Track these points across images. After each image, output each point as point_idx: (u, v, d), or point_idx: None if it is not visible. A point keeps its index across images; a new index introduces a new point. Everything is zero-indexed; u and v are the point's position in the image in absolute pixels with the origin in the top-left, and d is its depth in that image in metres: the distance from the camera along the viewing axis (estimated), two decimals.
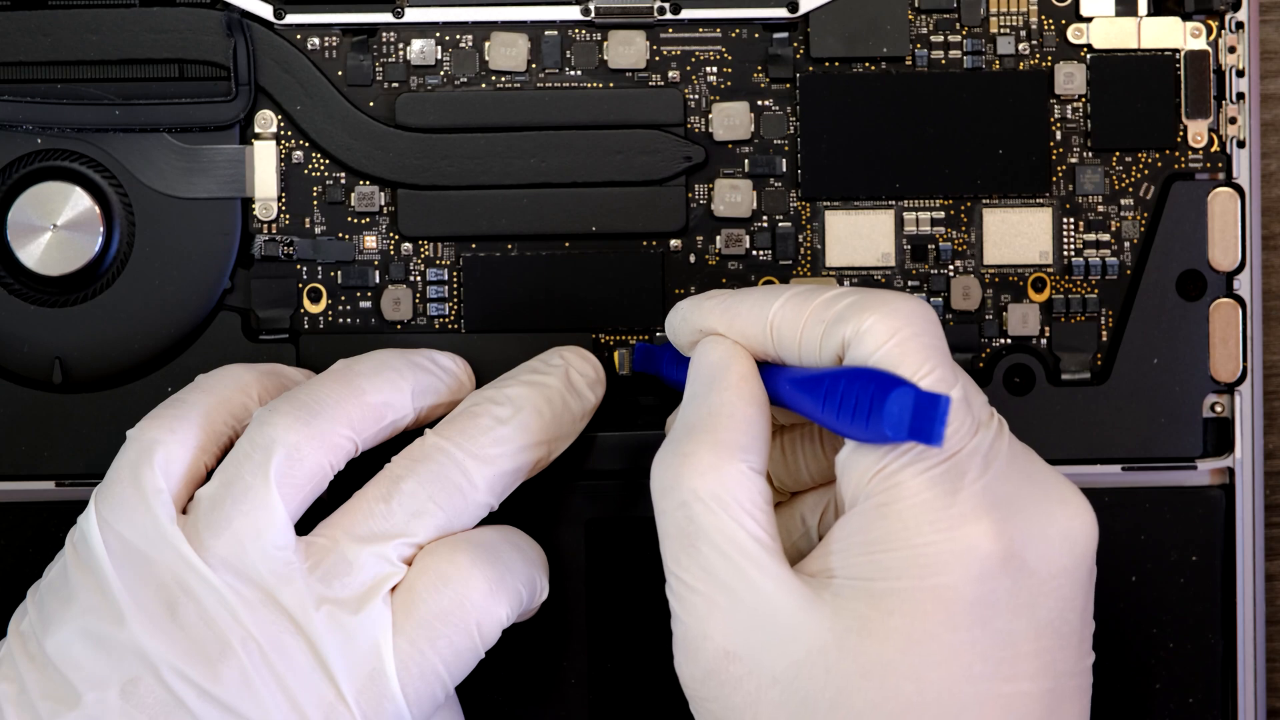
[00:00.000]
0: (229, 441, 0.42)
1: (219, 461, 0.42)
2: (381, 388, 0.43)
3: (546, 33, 0.48)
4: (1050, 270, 0.48)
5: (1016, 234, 0.48)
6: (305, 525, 0.42)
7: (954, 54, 0.48)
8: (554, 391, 0.44)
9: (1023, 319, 0.48)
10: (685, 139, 0.48)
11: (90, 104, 0.47)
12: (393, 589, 0.41)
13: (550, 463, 0.44)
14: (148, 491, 0.40)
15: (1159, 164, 0.48)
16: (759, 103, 0.48)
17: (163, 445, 0.41)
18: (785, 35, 0.48)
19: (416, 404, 0.44)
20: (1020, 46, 0.48)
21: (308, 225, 0.48)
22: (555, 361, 0.45)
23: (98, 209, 0.47)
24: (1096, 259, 0.48)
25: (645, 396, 0.48)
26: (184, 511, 0.41)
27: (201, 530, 0.40)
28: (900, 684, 0.37)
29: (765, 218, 0.48)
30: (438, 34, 0.48)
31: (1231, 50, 0.48)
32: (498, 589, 0.41)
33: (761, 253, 0.48)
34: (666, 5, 0.48)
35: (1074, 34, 0.48)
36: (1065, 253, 0.48)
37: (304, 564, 0.40)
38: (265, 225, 0.48)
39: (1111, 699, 0.48)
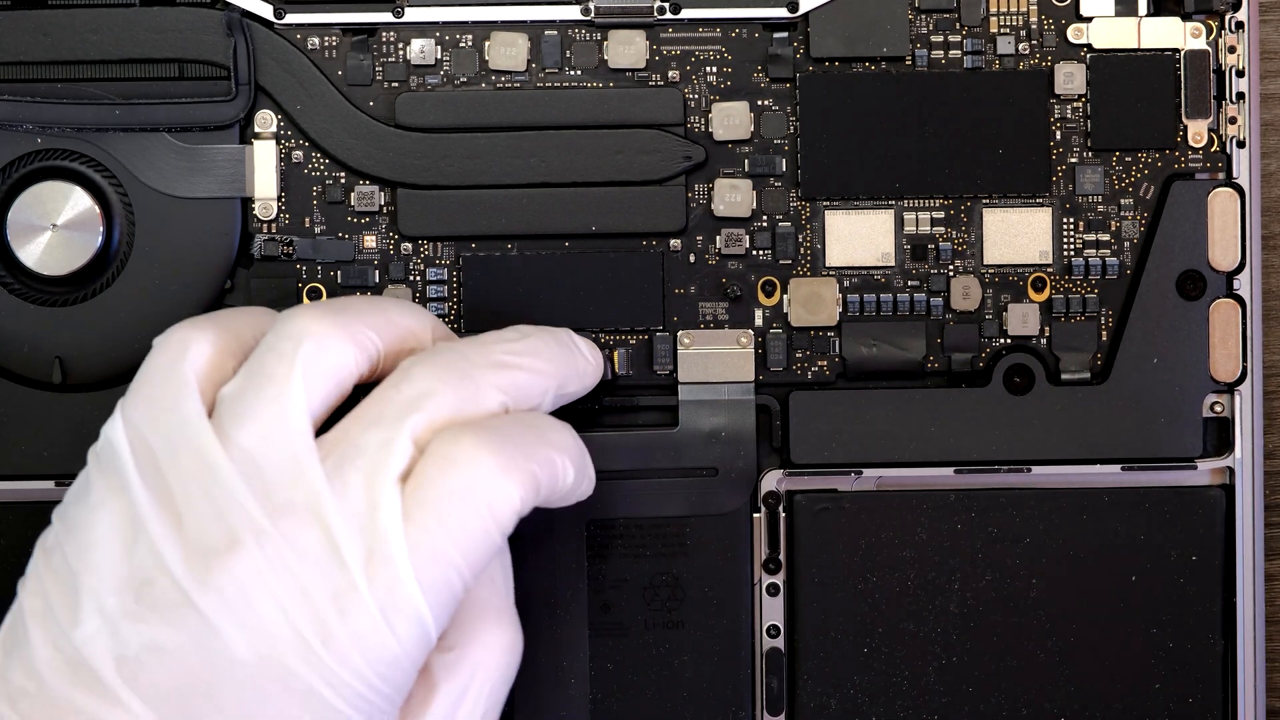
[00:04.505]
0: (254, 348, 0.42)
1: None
2: (406, 314, 0.43)
3: (546, 32, 0.48)
4: (1050, 270, 0.48)
5: (1016, 234, 0.48)
6: None
7: (954, 54, 0.48)
8: (561, 334, 0.44)
9: (1023, 319, 0.48)
10: (685, 139, 0.48)
11: (90, 104, 0.47)
12: (405, 477, 0.40)
13: (556, 409, 0.44)
14: (177, 388, 0.40)
15: (1159, 164, 0.48)
16: (759, 102, 0.48)
17: (195, 343, 0.41)
18: (785, 35, 0.48)
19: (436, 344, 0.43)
20: (1020, 46, 0.48)
21: (307, 225, 0.48)
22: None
23: (98, 209, 0.47)
24: (1096, 259, 0.48)
25: (645, 396, 0.48)
26: (210, 409, 0.40)
27: (225, 422, 0.39)
28: None
29: (765, 217, 0.48)
30: (438, 34, 0.48)
31: (1231, 50, 0.48)
32: (509, 468, 0.40)
33: (761, 252, 0.48)
34: (666, 5, 0.48)
35: (1074, 34, 0.48)
36: (1065, 253, 0.48)
37: (318, 453, 0.39)
38: (265, 225, 0.48)
39: (1112, 699, 0.48)
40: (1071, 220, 0.48)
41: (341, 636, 0.38)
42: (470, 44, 0.48)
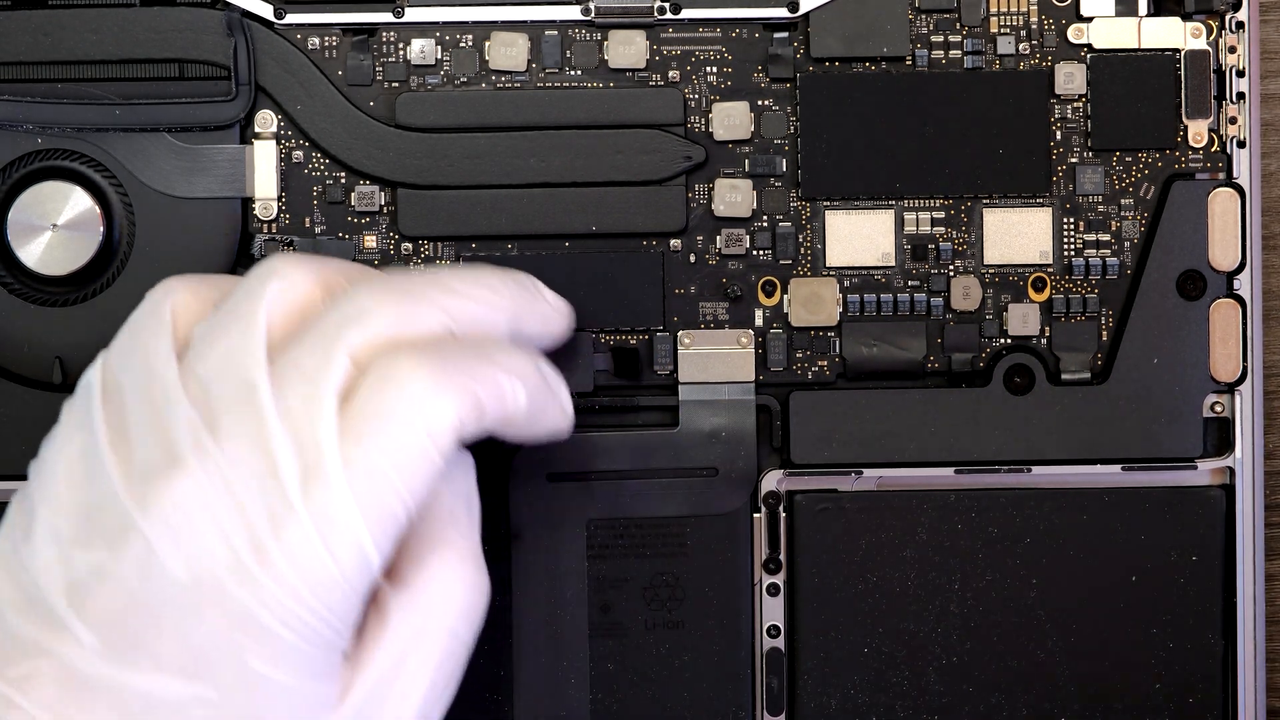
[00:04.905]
0: None
1: None
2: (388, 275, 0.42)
3: (546, 32, 0.48)
4: (1050, 270, 0.48)
5: (1016, 234, 0.48)
6: None
7: (954, 54, 0.48)
8: (522, 276, 0.43)
9: (1023, 319, 0.48)
10: (685, 139, 0.48)
11: (90, 104, 0.47)
12: (346, 395, 0.39)
13: (515, 343, 0.43)
14: (154, 329, 0.40)
15: (1159, 164, 0.48)
16: (759, 102, 0.48)
17: (178, 292, 0.41)
18: (785, 35, 0.48)
19: None
20: (1020, 46, 0.48)
21: (308, 225, 0.48)
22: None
23: (98, 209, 0.47)
24: (1096, 259, 0.48)
25: (645, 396, 0.48)
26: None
27: (190, 356, 0.39)
28: None
29: (765, 218, 0.48)
30: (438, 34, 0.48)
31: (1232, 50, 0.48)
32: (445, 386, 0.39)
33: (761, 253, 0.48)
34: (666, 5, 0.48)
35: (1074, 34, 0.48)
36: (1065, 253, 0.48)
37: (268, 380, 0.39)
38: (265, 225, 0.48)
39: (1112, 699, 0.48)
40: (1071, 220, 0.48)
41: (277, 556, 0.38)
42: (470, 44, 0.48)
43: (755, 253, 0.48)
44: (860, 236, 0.48)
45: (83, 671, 0.38)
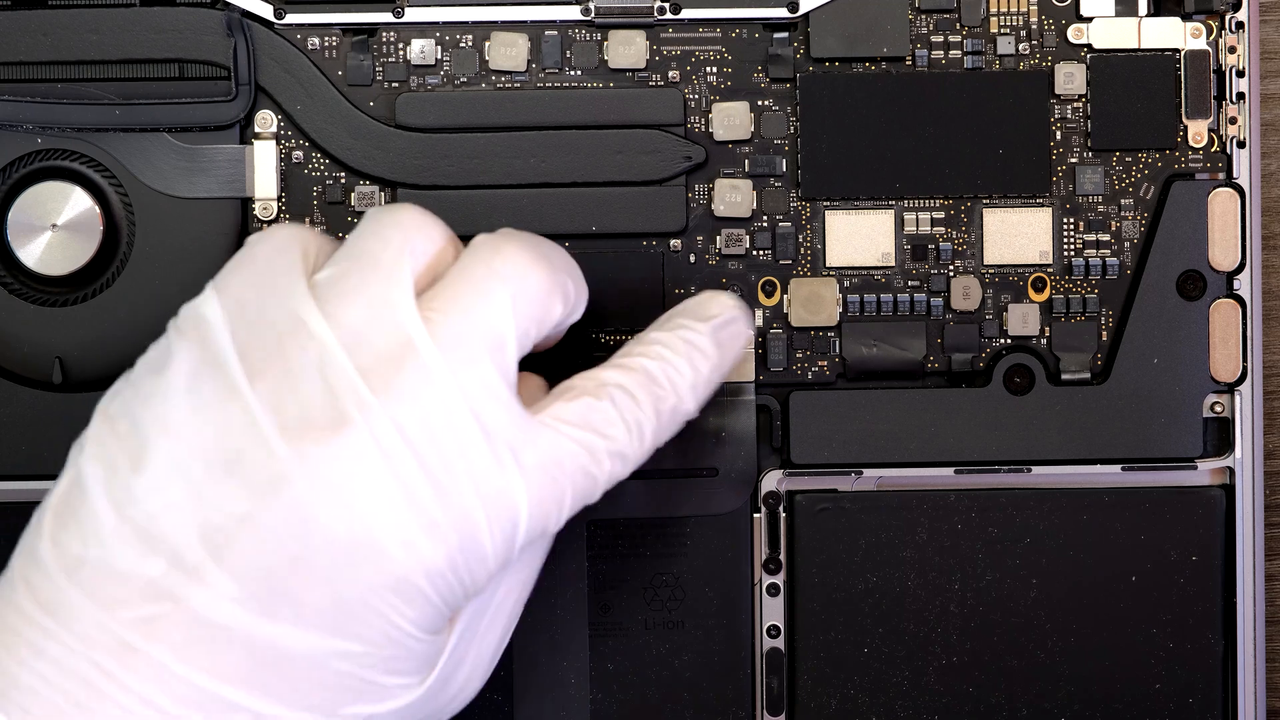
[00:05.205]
0: None
1: None
2: None
3: (546, 33, 0.48)
4: (1050, 270, 0.48)
5: (1016, 234, 0.48)
6: None
7: (954, 54, 0.48)
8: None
9: (1023, 319, 0.48)
10: (685, 139, 0.48)
11: (90, 104, 0.47)
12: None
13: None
14: (284, 268, 0.39)
15: (1159, 164, 0.48)
16: (759, 103, 0.48)
17: (300, 240, 0.40)
18: (785, 35, 0.48)
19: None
20: (1020, 46, 0.48)
21: (308, 225, 0.48)
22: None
23: (98, 209, 0.47)
24: (1096, 259, 0.48)
25: None
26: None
27: (328, 302, 0.38)
28: None
29: (765, 218, 0.48)
30: (438, 34, 0.48)
31: (1232, 50, 0.48)
32: (646, 437, 0.42)
33: (761, 253, 0.48)
34: (666, 5, 0.48)
35: (1074, 34, 0.48)
36: (1065, 253, 0.48)
37: (432, 339, 0.38)
38: (265, 225, 0.48)
39: (1112, 699, 0.48)
40: (1071, 220, 0.48)
41: (443, 525, 0.37)
42: (470, 44, 0.48)
43: (755, 253, 0.48)
44: (860, 236, 0.48)
45: (216, 619, 0.37)
